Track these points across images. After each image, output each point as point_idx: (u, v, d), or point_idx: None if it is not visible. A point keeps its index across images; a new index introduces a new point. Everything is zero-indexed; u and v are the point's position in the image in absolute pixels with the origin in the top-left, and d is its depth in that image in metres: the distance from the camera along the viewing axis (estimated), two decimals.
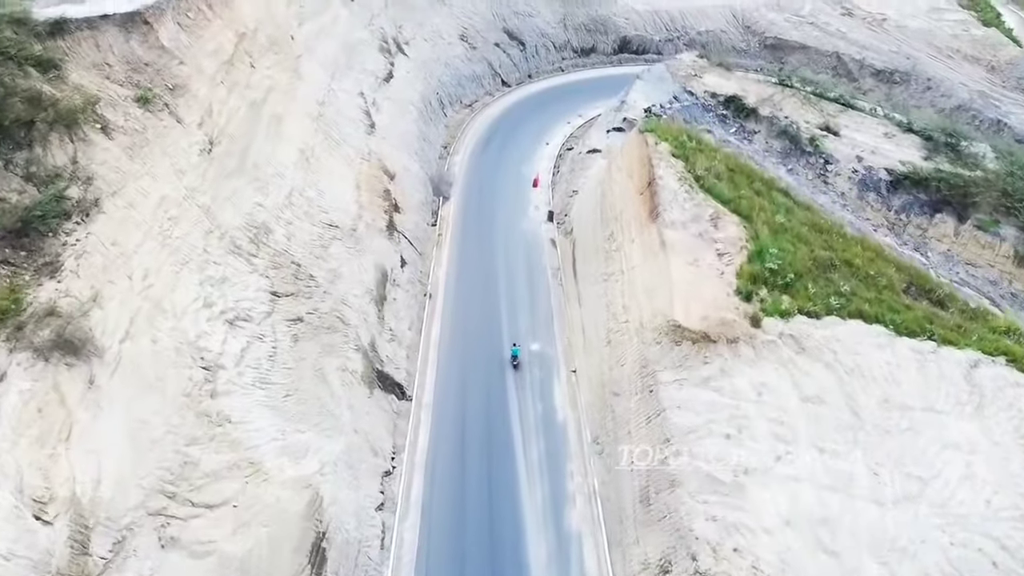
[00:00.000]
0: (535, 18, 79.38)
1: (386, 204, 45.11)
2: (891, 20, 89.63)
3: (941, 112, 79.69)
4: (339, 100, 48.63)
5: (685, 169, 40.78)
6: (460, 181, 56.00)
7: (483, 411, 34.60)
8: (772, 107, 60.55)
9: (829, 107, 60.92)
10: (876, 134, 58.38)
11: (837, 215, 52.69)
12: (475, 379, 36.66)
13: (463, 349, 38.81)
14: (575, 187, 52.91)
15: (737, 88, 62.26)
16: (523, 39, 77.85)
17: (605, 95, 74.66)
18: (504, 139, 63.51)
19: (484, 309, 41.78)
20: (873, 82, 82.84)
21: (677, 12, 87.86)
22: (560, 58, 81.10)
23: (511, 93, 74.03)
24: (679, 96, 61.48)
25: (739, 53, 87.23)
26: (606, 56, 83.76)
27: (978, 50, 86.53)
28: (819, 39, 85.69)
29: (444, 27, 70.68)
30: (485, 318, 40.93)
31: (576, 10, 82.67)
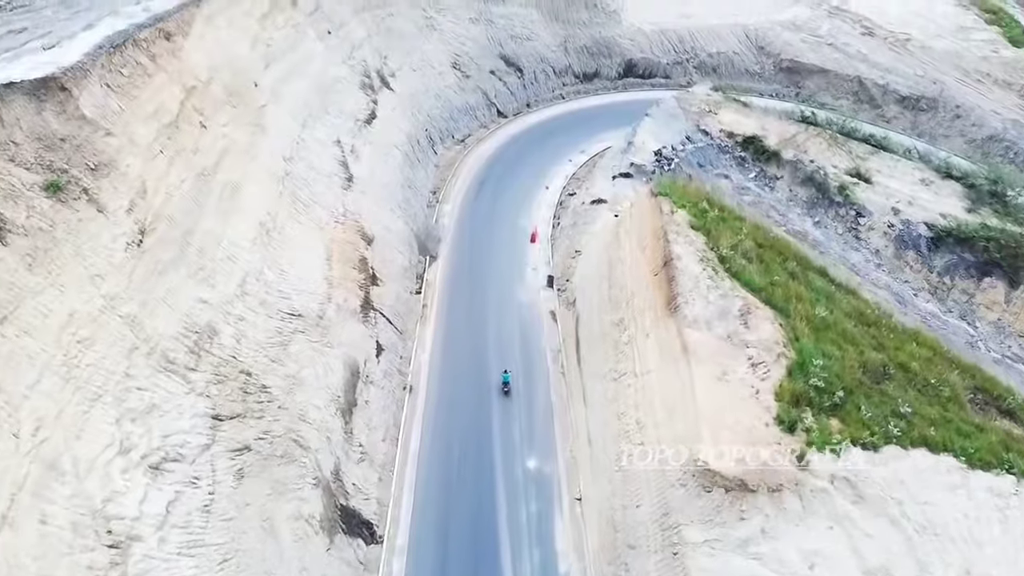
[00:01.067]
0: (533, 41, 73.53)
1: (362, 277, 39.31)
2: (915, 40, 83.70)
3: (972, 143, 73.96)
4: (310, 153, 42.78)
5: (707, 246, 34.96)
6: (450, 236, 50.19)
7: (469, 558, 28.77)
8: (795, 149, 54.75)
9: (858, 148, 55.11)
10: (912, 180, 52.59)
11: (872, 276, 47.06)
12: (460, 510, 30.84)
13: (446, 466, 32.98)
14: (578, 245, 47.08)
15: (756, 127, 56.41)
16: (520, 65, 72.00)
17: (610, 126, 68.90)
18: (499, 182, 57.69)
19: (473, 407, 36.02)
20: (898, 109, 76.99)
21: (686, 32, 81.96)
22: (561, 84, 75.22)
23: (508, 125, 68.21)
24: (692, 136, 55.67)
25: (753, 76, 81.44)
26: (610, 81, 77.88)
27: (1009, 74, 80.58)
28: (839, 62, 79.76)
29: (434, 55, 64.85)
30: (474, 420, 35.17)
31: (578, 32, 76.80)
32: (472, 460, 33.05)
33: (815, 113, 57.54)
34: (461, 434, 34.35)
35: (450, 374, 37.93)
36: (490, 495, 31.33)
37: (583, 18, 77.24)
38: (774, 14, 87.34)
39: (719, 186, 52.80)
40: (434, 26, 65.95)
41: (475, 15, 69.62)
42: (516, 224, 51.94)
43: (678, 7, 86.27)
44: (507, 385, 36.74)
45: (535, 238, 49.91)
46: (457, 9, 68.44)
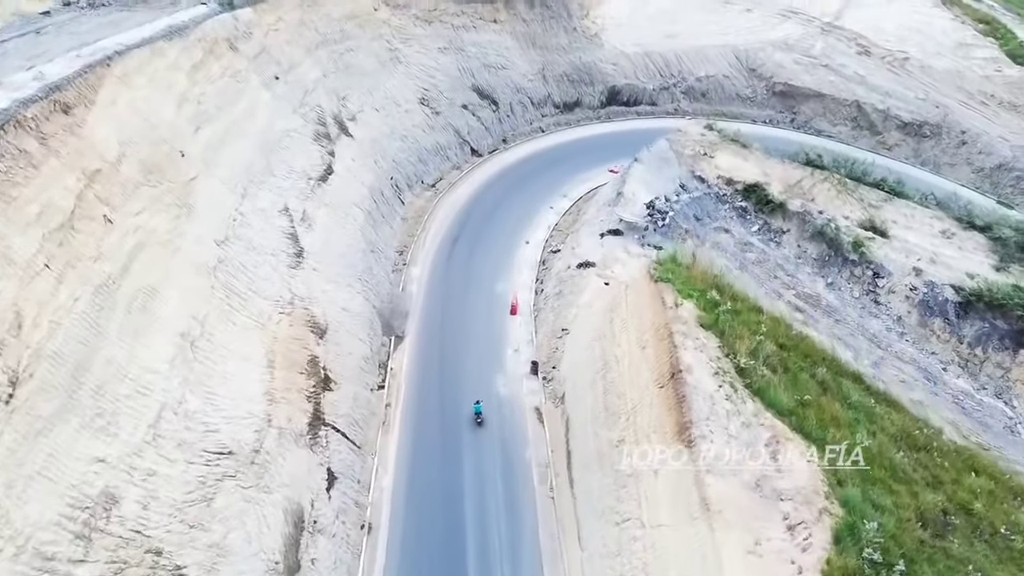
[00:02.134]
0: (509, 70, 67.59)
1: (311, 383, 33.17)
2: (914, 59, 78.91)
3: (980, 172, 69.25)
4: (251, 229, 36.57)
5: (721, 351, 29.29)
6: (418, 307, 44.16)
7: None
8: (802, 197, 49.31)
9: (870, 195, 49.83)
10: (932, 233, 47.36)
11: (896, 348, 41.66)
12: None
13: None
14: (565, 321, 41.21)
15: (757, 172, 50.92)
16: (496, 97, 66.04)
17: (593, 163, 63.54)
18: (474, 237, 51.74)
19: (444, 547, 29.97)
20: (899, 135, 72.08)
21: (672, 55, 76.46)
22: (540, 116, 69.39)
23: (483, 165, 62.24)
24: (687, 184, 50.06)
25: (744, 101, 76.17)
26: (592, 110, 72.19)
27: (1015, 94, 75.96)
28: (835, 85, 74.67)
29: (400, 91, 58.70)
30: (446, 569, 29.12)
31: (557, 58, 70.99)
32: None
33: (821, 156, 51.97)
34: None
35: (417, 503, 31.88)
36: None
37: (562, 43, 71.49)
38: (765, 33, 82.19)
39: (719, 242, 47.31)
40: (399, 59, 59.82)
41: (445, 44, 63.59)
42: (494, 291, 45.98)
43: (663, 27, 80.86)
44: (479, 416, 35.79)
45: (515, 309, 44.01)
46: (425, 38, 62.38)
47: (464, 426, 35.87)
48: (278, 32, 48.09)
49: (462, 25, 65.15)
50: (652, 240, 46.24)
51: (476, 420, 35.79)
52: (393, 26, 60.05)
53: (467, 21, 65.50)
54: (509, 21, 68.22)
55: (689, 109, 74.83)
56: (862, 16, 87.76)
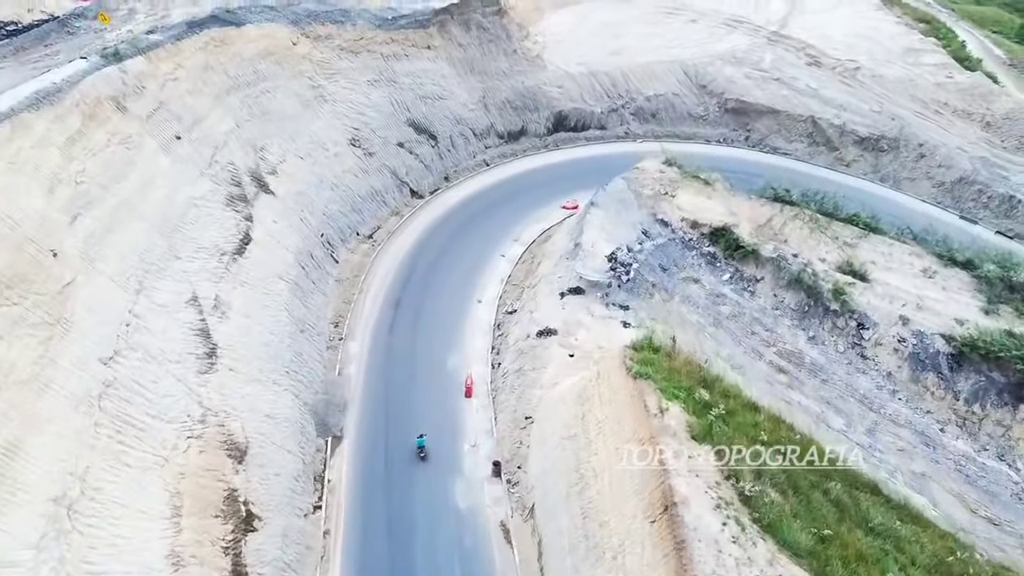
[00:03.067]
0: (447, 100, 62.18)
1: (229, 529, 27.40)
2: (865, 69, 76.48)
3: (941, 186, 66.90)
4: (149, 334, 30.47)
5: (719, 472, 24.66)
6: (358, 396, 38.64)
7: None
8: (773, 237, 45.44)
9: (844, 232, 46.31)
10: (913, 272, 44.01)
11: (889, 410, 37.98)
12: None
13: None
14: (528, 407, 36.25)
15: (723, 211, 46.85)
16: (434, 130, 60.58)
17: (544, 199, 58.86)
18: (419, 297, 46.40)
19: None
20: (857, 151, 69.33)
21: (619, 74, 72.18)
22: (483, 148, 64.19)
23: (424, 208, 56.79)
24: (649, 230, 45.68)
25: (696, 120, 72.41)
26: (539, 138, 67.33)
27: (968, 102, 74.17)
28: (788, 100, 71.50)
29: (327, 133, 52.75)
30: None
31: (498, 84, 65.88)
32: None
33: (789, 191, 48.18)
34: None
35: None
36: None
37: (502, 67, 66.40)
38: (712, 45, 78.71)
39: (689, 295, 43.03)
40: (324, 97, 53.81)
41: (375, 76, 57.80)
42: (444, 367, 40.72)
43: (607, 42, 76.61)
44: (423, 450, 34.64)
45: (470, 391, 38.84)
46: (352, 72, 56.46)
47: (419, 552, 30.54)
48: (178, 82, 41.73)
49: (392, 54, 59.44)
50: (617, 299, 41.72)
51: (419, 454, 34.42)
52: (315, 61, 53.98)
53: (398, 49, 59.82)
54: (444, 47, 62.83)
55: (640, 131, 70.74)
56: (808, 23, 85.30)
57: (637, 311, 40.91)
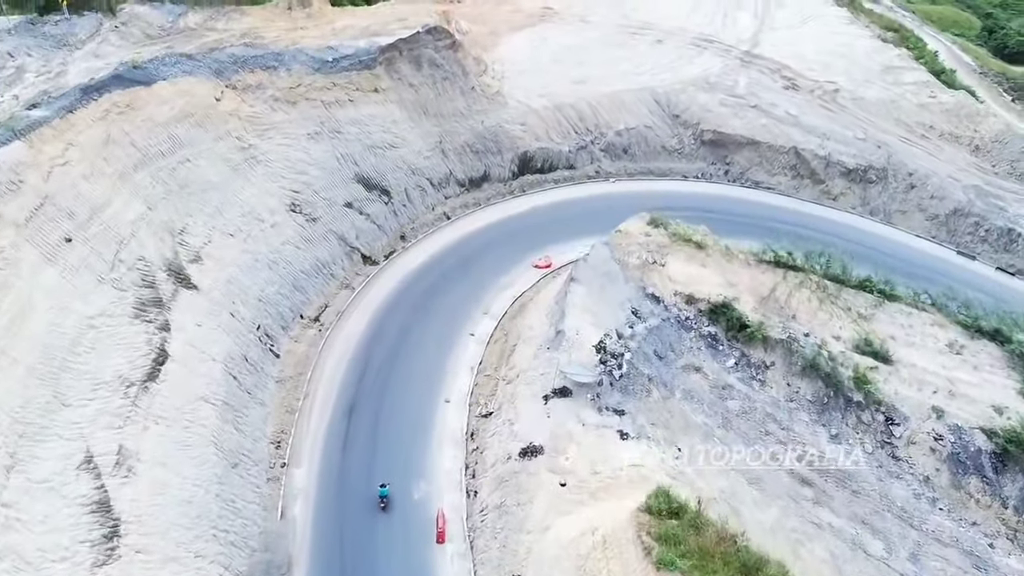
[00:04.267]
0: (400, 149, 55.43)
1: None
2: (844, 91, 71.96)
3: (935, 220, 62.45)
4: (21, 530, 23.35)
5: None
6: (306, 548, 31.76)
7: None
8: (779, 312, 39.88)
9: (857, 300, 41.18)
10: (938, 347, 38.99)
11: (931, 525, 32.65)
12: None
13: None
14: (515, 562, 29.84)
15: (721, 281, 41.19)
16: (386, 185, 53.82)
17: (514, 256, 52.81)
18: (376, 399, 39.91)
19: None
20: (844, 183, 64.56)
21: (586, 106, 66.21)
22: (442, 198, 57.60)
23: (379, 277, 50.09)
24: (639, 309, 39.77)
25: (671, 154, 66.89)
26: (503, 183, 60.99)
27: (954, 124, 70.18)
28: (768, 129, 66.39)
29: (262, 201, 45.67)
30: None
31: (456, 126, 59.33)
32: None
33: (791, 253, 42.75)
34: None
35: None
36: None
37: (460, 107, 59.85)
38: (681, 69, 73.34)
39: (691, 389, 37.27)
40: (257, 158, 46.65)
41: (315, 128, 50.78)
42: (409, 500, 34.22)
43: (571, 70, 70.65)
44: (384, 500, 32.99)
45: (442, 535, 32.33)
46: (289, 125, 49.38)
47: None
48: (68, 166, 34.32)
49: (335, 101, 52.44)
50: (610, 401, 35.78)
51: (380, 504, 32.70)
52: (244, 117, 46.79)
53: (341, 95, 52.84)
54: (394, 88, 56.02)
55: (612, 169, 64.93)
56: (779, 41, 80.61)
57: (634, 416, 35.01)
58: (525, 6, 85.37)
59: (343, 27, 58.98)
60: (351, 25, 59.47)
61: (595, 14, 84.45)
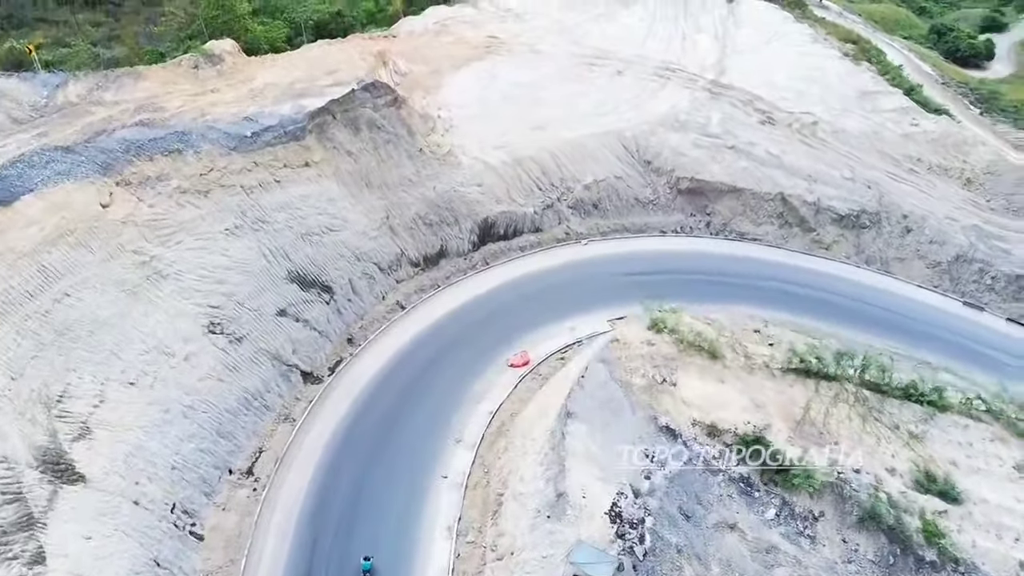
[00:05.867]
0: (340, 232, 46.78)
1: None
2: (823, 123, 66.30)
3: (936, 267, 57.08)
4: None
5: None
6: None
7: None
8: (818, 439, 33.00)
9: (903, 413, 34.96)
10: (1006, 472, 33.99)
11: None
12: None
13: None
14: None
15: (744, 402, 34.44)
16: (327, 279, 45.12)
17: (485, 352, 45.54)
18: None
19: None
20: (836, 230, 58.73)
21: (549, 158, 58.60)
22: (394, 284, 49.20)
23: (324, 400, 41.49)
24: (652, 447, 32.38)
25: (646, 207, 59.90)
26: (463, 258, 52.91)
27: (942, 155, 65.24)
28: (750, 173, 60.03)
29: (171, 328, 36.49)
30: None
31: (404, 197, 50.95)
32: None
33: (819, 357, 35.95)
34: None
35: None
36: None
37: (407, 173, 51.44)
38: (647, 104, 66.46)
39: (729, 557, 30.04)
40: (162, 272, 37.43)
41: (235, 221, 41.74)
42: None
43: (527, 112, 63.05)
44: None
45: None
46: (200, 223, 40.22)
47: None
48: None
49: (258, 184, 43.51)
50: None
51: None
52: (143, 222, 37.49)
53: (265, 176, 43.93)
54: (328, 160, 47.32)
55: (582, 229, 57.55)
56: (746, 67, 74.49)
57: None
58: (467, 36, 77.26)
59: (263, 86, 49.74)
60: (273, 83, 50.26)
61: (545, 42, 76.97)
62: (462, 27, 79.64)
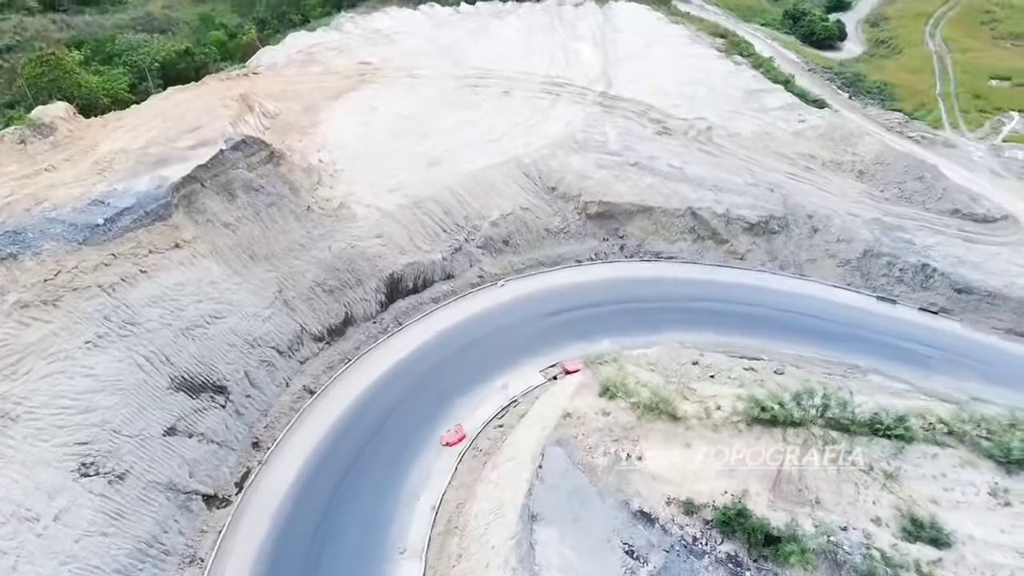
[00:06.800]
0: (227, 318, 40.43)
1: None
2: (717, 128, 65.60)
3: (846, 265, 57.10)
4: None
5: None
6: None
7: None
8: (798, 497, 30.80)
9: (873, 450, 33.73)
10: (984, 501, 33.03)
11: None
12: None
13: None
14: None
15: (717, 467, 31.36)
16: (218, 379, 38.80)
17: (412, 432, 41.02)
18: None
19: None
20: (748, 239, 57.66)
21: (450, 195, 54.20)
22: (297, 366, 43.36)
23: (234, 529, 35.26)
24: (633, 543, 28.97)
25: (558, 236, 56.63)
26: (373, 321, 47.72)
27: (831, 148, 65.94)
28: (657, 190, 58.02)
29: (29, 484, 29.54)
30: None
31: (296, 264, 45.03)
32: None
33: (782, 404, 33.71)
34: None
35: None
36: None
37: (296, 237, 45.58)
38: (541, 126, 63.43)
39: None
40: (8, 414, 30.31)
41: (97, 330, 34.74)
42: None
43: (416, 147, 58.47)
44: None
45: None
46: (52, 341, 33.04)
47: None
48: None
49: (120, 279, 36.56)
50: None
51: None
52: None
53: (128, 268, 37.00)
54: (203, 236, 40.81)
55: (496, 269, 53.54)
56: (632, 74, 73.00)
57: None
58: (337, 65, 71.44)
59: (110, 156, 42.25)
60: (122, 150, 42.82)
61: (422, 65, 72.38)
62: (329, 54, 73.63)
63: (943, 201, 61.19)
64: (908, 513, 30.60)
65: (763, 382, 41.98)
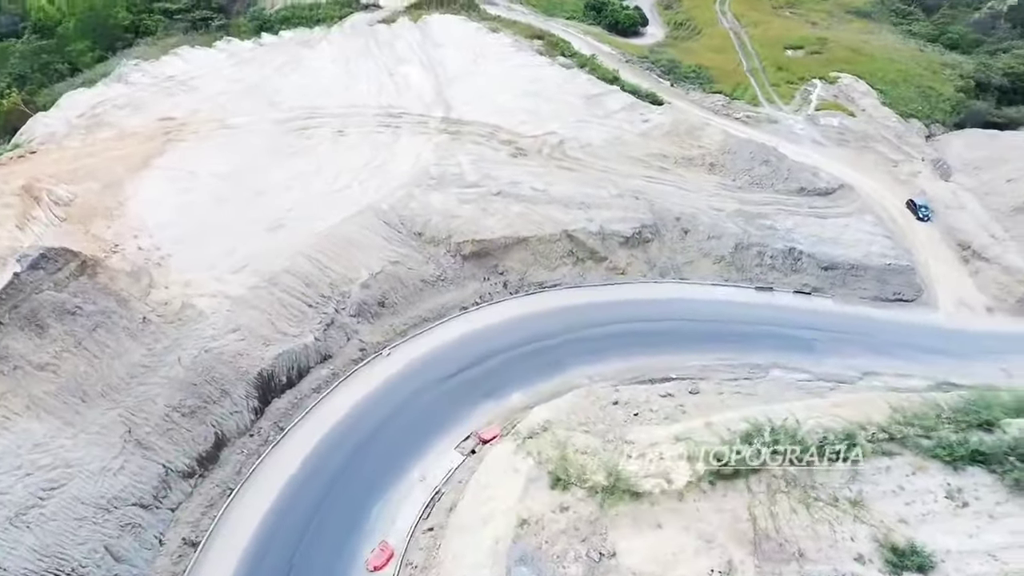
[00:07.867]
0: (68, 484, 32.32)
1: None
2: (568, 140, 63.78)
3: (721, 261, 57.24)
4: None
5: None
6: None
7: None
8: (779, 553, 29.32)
9: (830, 478, 33.13)
10: (944, 507, 32.64)
11: None
12: None
13: None
14: None
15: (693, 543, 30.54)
16: (71, 569, 30.40)
17: (334, 556, 35.42)
18: None
19: None
20: (626, 253, 56.13)
21: (307, 263, 47.85)
22: (170, 517, 35.83)
23: None
24: None
25: (436, 286, 51.89)
26: (249, 435, 40.61)
27: (679, 144, 66.22)
28: (527, 218, 54.91)
29: None
30: None
31: (143, 390, 36.91)
32: None
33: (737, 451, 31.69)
34: None
35: None
36: None
37: (136, 358, 37.39)
38: (389, 165, 58.43)
39: None
40: None
41: None
42: None
43: (251, 211, 51.57)
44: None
45: None
46: None
47: None
48: None
49: None
50: None
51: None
52: None
53: None
54: (13, 387, 31.98)
55: (377, 338, 47.84)
56: (468, 94, 69.21)
57: None
58: (132, 126, 61.37)
59: None
60: None
61: (235, 112, 64.02)
62: (120, 113, 63.05)
63: (789, 181, 63.29)
64: (887, 542, 29.54)
65: (683, 407, 40.44)
